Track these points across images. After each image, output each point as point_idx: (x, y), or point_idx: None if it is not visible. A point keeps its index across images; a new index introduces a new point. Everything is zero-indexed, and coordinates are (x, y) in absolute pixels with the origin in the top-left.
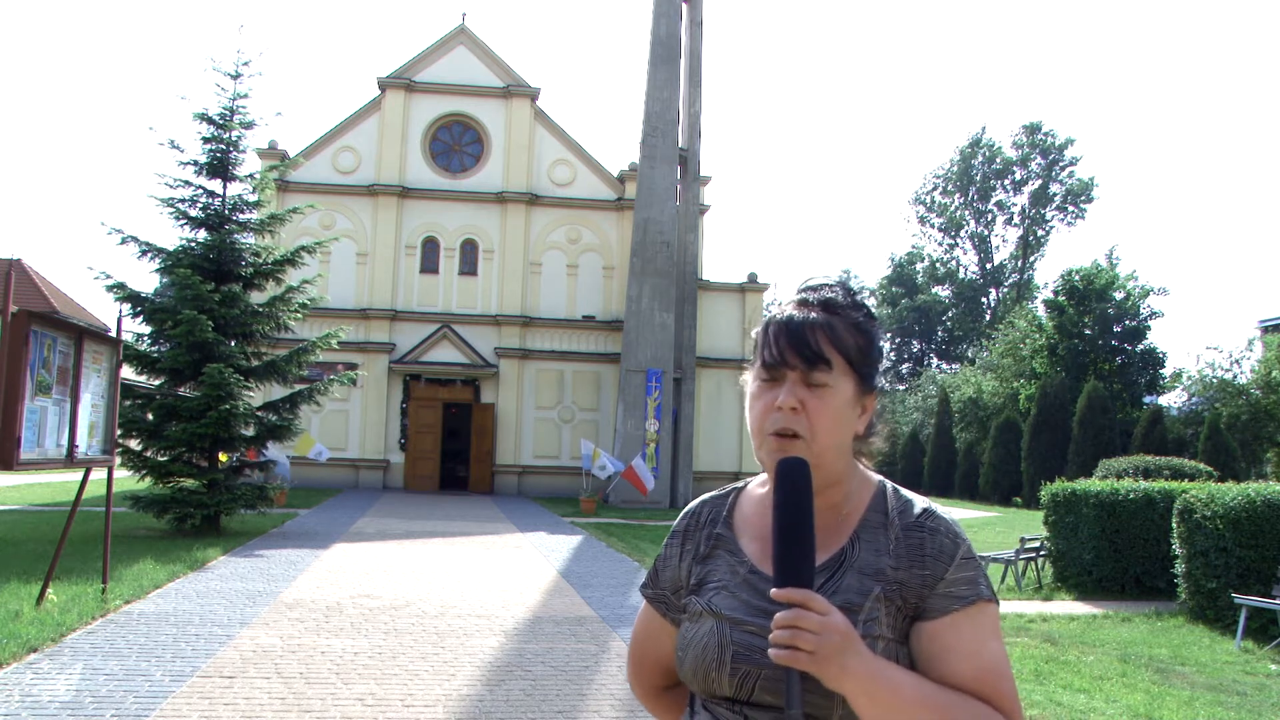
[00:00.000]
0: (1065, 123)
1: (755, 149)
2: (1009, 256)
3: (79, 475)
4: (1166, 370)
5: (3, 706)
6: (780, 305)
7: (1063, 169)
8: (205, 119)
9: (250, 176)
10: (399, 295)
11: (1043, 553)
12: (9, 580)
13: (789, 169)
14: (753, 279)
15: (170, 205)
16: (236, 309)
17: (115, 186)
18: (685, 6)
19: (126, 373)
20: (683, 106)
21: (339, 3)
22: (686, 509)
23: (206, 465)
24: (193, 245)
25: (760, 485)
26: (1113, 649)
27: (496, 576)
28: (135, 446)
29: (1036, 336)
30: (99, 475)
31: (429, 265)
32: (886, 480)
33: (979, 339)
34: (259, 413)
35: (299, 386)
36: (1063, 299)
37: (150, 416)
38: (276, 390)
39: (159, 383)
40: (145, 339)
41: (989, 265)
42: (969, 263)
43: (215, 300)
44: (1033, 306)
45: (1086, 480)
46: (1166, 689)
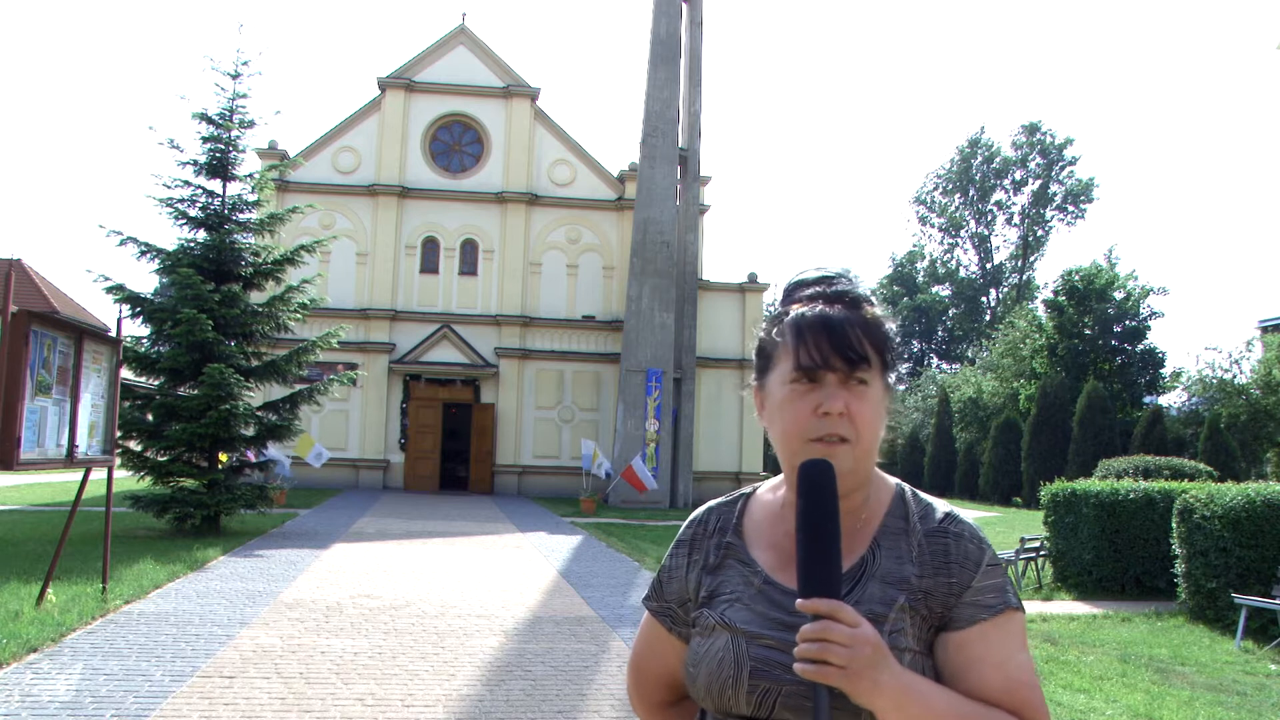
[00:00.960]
0: (1064, 123)
1: (755, 149)
2: (1009, 256)
3: (79, 475)
4: (1166, 370)
5: (3, 706)
6: (792, 302)
7: (1062, 169)
8: (205, 119)
9: (250, 176)
10: (399, 295)
11: (1043, 553)
12: (9, 580)
13: (789, 169)
14: (753, 279)
15: (170, 205)
16: (236, 309)
17: (115, 187)
18: (685, 6)
19: (126, 373)
20: (683, 106)
21: (339, 3)
22: (691, 516)
23: (206, 465)
24: (192, 245)
25: (771, 490)
26: (1113, 649)
27: (496, 576)
28: (135, 447)
29: (1036, 336)
30: (99, 475)
31: (429, 265)
32: (904, 484)
33: (979, 339)
34: (259, 413)
35: (299, 386)
36: (1063, 299)
37: (150, 417)
38: (276, 390)
39: (159, 383)
40: (145, 340)
41: (989, 265)
42: (969, 263)
43: (215, 300)
44: (1033, 306)
45: (1086, 480)
46: (1166, 689)
